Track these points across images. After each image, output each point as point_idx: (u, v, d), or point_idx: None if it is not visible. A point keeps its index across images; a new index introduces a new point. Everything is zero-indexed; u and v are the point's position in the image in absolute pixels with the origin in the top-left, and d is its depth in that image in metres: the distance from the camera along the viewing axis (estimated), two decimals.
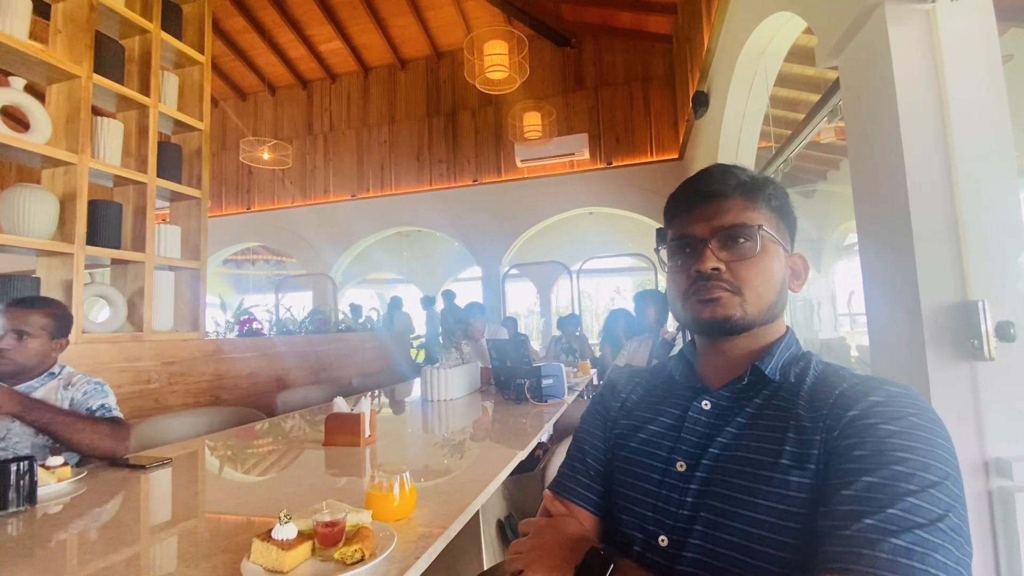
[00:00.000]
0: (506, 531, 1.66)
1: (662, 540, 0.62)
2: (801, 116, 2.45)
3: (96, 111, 2.39)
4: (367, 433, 1.56)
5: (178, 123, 2.78)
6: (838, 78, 1.73)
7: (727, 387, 0.67)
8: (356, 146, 7.76)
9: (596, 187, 6.74)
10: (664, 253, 0.73)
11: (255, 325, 3.49)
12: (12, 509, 1.03)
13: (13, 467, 1.04)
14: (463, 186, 7.23)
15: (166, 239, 2.64)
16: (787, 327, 0.70)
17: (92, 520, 1.04)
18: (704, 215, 0.67)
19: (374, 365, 4.17)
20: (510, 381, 2.42)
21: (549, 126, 5.93)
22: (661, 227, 0.82)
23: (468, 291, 9.50)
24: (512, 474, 1.38)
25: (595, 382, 3.77)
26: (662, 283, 6.17)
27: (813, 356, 0.67)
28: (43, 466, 1.18)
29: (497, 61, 4.72)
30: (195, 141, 2.88)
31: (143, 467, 1.35)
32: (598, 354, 4.73)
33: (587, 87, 6.92)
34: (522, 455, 1.46)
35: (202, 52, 2.91)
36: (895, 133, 1.32)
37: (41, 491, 1.11)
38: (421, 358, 7.03)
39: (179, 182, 2.73)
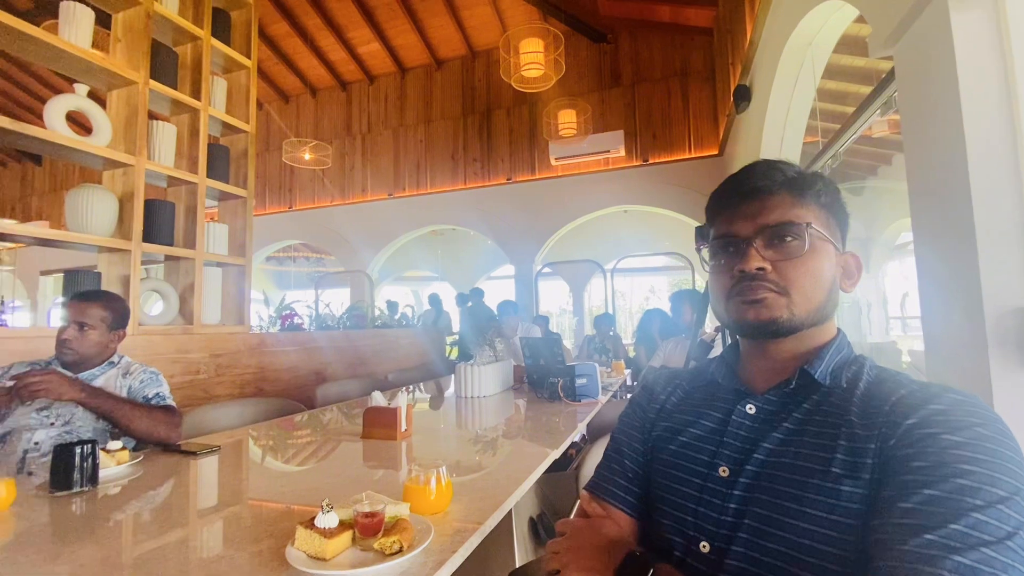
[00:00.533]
0: (538, 529, 1.66)
1: (703, 546, 0.60)
2: (851, 109, 2.34)
3: (152, 115, 2.52)
4: (403, 427, 1.59)
5: (226, 125, 2.90)
6: (892, 69, 1.65)
7: (773, 391, 0.64)
8: (393, 146, 7.91)
9: (631, 185, 6.64)
10: (706, 252, 0.71)
11: (296, 320, 3.60)
12: (76, 489, 1.10)
13: (77, 450, 1.11)
14: (497, 184, 7.26)
15: (214, 237, 2.76)
16: (838, 329, 0.67)
17: (147, 502, 1.10)
18: (749, 212, 0.65)
19: (409, 361, 4.24)
20: (543, 379, 2.41)
21: (584, 123, 5.88)
22: (701, 225, 0.79)
23: (501, 289, 9.54)
24: (544, 472, 1.38)
25: (629, 382, 3.72)
26: (699, 283, 6.04)
27: (867, 360, 0.64)
28: (104, 450, 1.25)
29: (533, 59, 4.72)
30: (241, 142, 3.00)
31: (194, 453, 1.42)
32: (632, 354, 4.67)
33: (623, 83, 6.82)
34: (556, 454, 1.45)
35: (249, 57, 3.02)
36: (957, 126, 1.24)
37: (102, 473, 1.18)
38: (454, 355, 7.11)
39: (227, 182, 2.84)
